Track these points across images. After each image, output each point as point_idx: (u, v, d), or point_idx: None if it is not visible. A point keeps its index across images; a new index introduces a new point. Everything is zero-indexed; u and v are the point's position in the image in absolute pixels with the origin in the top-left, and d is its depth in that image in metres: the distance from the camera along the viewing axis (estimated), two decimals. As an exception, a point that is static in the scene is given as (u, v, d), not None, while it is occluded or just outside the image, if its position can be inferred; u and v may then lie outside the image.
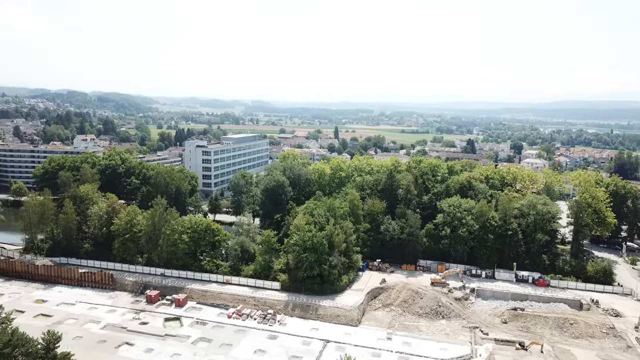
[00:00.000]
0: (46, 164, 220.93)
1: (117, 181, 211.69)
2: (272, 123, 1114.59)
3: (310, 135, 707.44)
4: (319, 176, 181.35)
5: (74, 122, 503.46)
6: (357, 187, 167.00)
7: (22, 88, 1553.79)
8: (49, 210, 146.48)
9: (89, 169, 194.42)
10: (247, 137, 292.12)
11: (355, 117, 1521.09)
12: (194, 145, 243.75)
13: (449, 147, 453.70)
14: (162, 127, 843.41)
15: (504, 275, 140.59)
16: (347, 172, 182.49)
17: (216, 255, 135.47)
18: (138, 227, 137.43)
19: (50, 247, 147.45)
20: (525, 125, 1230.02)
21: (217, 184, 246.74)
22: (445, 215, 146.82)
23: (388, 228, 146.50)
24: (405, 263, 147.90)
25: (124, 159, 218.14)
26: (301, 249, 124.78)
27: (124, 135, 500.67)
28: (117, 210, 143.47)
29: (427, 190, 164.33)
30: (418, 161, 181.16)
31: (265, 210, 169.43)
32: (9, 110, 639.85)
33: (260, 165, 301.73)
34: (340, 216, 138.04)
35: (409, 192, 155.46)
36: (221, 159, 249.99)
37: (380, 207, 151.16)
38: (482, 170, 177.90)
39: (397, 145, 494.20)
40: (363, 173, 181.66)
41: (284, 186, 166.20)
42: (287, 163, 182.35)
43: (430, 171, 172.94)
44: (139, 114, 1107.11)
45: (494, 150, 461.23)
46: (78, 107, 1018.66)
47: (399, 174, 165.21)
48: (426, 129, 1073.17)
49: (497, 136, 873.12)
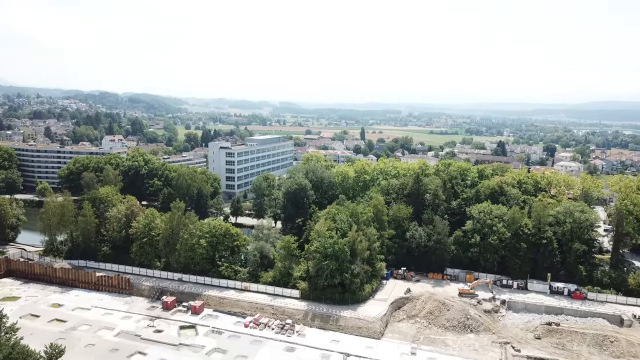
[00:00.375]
0: (71, 165, 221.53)
1: (139, 182, 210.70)
2: (298, 124, 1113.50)
3: (336, 136, 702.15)
4: (342, 179, 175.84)
5: (102, 123, 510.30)
6: (382, 191, 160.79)
7: (57, 89, 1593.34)
8: (68, 212, 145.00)
9: (112, 170, 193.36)
10: (271, 139, 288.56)
11: (383, 118, 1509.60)
12: (217, 147, 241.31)
13: (478, 149, 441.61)
14: (190, 127, 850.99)
15: (538, 287, 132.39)
16: (372, 175, 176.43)
17: (235, 260, 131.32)
18: (156, 230, 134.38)
19: (69, 250, 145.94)
20: (558, 126, 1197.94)
21: (241, 185, 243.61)
22: (474, 222, 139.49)
23: (414, 235, 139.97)
24: (432, 272, 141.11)
25: (147, 160, 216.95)
26: (322, 256, 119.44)
27: (151, 135, 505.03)
28: (136, 213, 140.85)
29: (455, 195, 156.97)
30: (447, 164, 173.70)
31: (287, 214, 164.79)
32: (41, 111, 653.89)
33: (285, 166, 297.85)
34: (364, 222, 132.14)
35: (436, 197, 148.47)
36: (245, 161, 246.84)
37: (406, 213, 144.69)
38: (515, 175, 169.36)
39: (425, 147, 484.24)
40: (388, 176, 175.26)
41: (306, 189, 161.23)
42: (309, 165, 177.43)
43: (459, 175, 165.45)
44: (167, 114, 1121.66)
45: (526, 153, 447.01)
46: (109, 108, 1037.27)
47: (427, 178, 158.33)
48: (455, 130, 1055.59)
49: (529, 138, 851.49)
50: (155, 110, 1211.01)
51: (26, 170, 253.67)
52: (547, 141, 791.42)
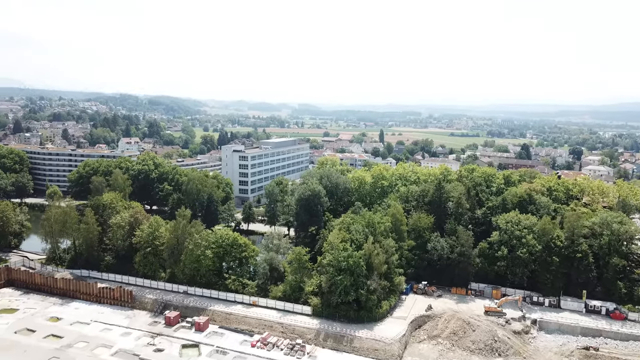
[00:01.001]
0: (81, 169, 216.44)
1: (149, 187, 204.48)
2: (316, 126, 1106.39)
3: (355, 138, 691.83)
4: (359, 185, 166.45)
5: (120, 125, 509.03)
6: (401, 199, 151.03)
7: (80, 92, 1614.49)
8: (71, 219, 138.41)
9: (120, 174, 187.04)
10: (286, 142, 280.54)
11: (403, 119, 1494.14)
12: (230, 150, 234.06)
13: (501, 153, 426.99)
14: (208, 129, 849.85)
15: (572, 305, 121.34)
16: (390, 181, 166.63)
17: (243, 272, 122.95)
18: (160, 240, 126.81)
19: (72, 259, 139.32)
20: (583, 128, 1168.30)
21: (254, 190, 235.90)
22: (502, 233, 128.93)
23: (436, 246, 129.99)
24: (455, 286, 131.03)
25: (157, 164, 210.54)
26: (335, 271, 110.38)
27: (168, 138, 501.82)
28: (140, 220, 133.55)
29: (480, 204, 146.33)
30: (470, 170, 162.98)
31: (300, 222, 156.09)
32: (61, 113, 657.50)
33: (301, 170, 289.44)
34: (381, 233, 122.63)
35: (460, 206, 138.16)
36: (258, 164, 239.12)
37: (427, 222, 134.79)
38: (544, 181, 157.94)
39: (446, 150, 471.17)
40: (408, 182, 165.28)
41: (320, 196, 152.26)
42: (324, 170, 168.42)
43: (484, 182, 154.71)
44: (186, 116, 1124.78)
45: (551, 156, 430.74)
46: (129, 110, 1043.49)
47: (449, 185, 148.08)
48: (476, 133, 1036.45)
49: (553, 140, 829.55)
50: (175, 112, 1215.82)
51: (38, 174, 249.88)
52: (572, 144, 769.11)
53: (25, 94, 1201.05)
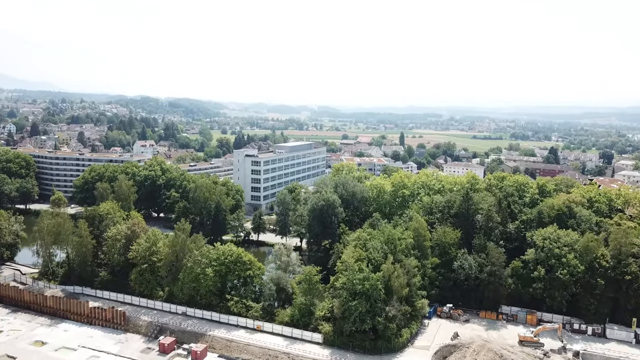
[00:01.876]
0: (86, 174, 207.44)
1: (156, 194, 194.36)
2: (335, 128, 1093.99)
3: (374, 141, 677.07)
4: (377, 194, 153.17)
5: (136, 128, 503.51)
6: (424, 210, 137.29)
7: (103, 95, 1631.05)
8: (65, 230, 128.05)
9: (125, 180, 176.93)
10: (302, 145, 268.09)
11: (424, 121, 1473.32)
12: (242, 155, 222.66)
13: (527, 157, 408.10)
14: (226, 132, 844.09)
15: (619, 334, 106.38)
16: (412, 190, 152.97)
17: (247, 293, 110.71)
18: (158, 255, 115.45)
19: (65, 274, 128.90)
20: (611, 131, 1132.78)
21: (267, 197, 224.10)
22: (538, 250, 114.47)
23: (463, 265, 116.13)
24: (484, 309, 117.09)
25: (164, 170, 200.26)
26: (349, 295, 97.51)
27: (183, 141, 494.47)
28: (138, 233, 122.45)
29: (512, 217, 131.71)
30: (500, 178, 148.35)
31: (312, 234, 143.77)
32: (79, 116, 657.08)
33: (317, 175, 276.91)
34: (402, 251, 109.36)
35: (490, 219, 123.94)
36: (272, 170, 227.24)
37: (453, 237, 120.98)
38: (583, 191, 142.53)
39: (469, 153, 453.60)
40: (431, 191, 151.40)
41: (335, 206, 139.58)
42: (339, 178, 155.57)
43: (516, 191, 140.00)
44: (205, 119, 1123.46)
45: (581, 160, 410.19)
46: (149, 113, 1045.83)
47: (477, 195, 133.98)
48: (499, 135, 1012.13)
49: (580, 143, 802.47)
50: (194, 114, 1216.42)
51: (44, 179, 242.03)
52: (601, 147, 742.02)
53: (55, 97, 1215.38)
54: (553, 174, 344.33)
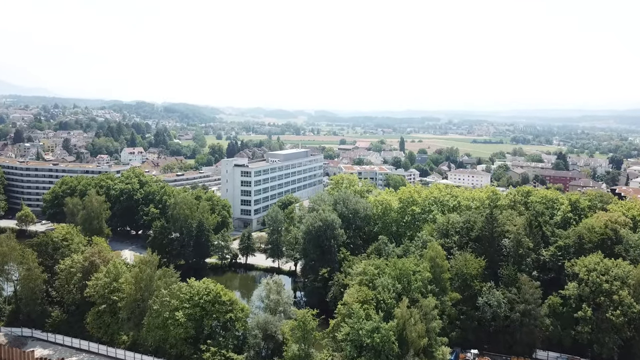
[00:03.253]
0: (57, 187, 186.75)
1: (133, 210, 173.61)
2: (333, 133, 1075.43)
3: (373, 146, 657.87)
4: (383, 211, 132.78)
5: (124, 134, 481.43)
6: (439, 232, 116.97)
7: (99, 100, 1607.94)
8: (13, 259, 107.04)
9: (95, 196, 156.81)
10: (297, 153, 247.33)
11: (422, 125, 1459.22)
12: (231, 165, 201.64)
13: (535, 163, 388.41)
14: (221, 137, 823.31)
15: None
16: (423, 206, 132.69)
17: (227, 341, 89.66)
18: (119, 294, 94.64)
19: (13, 312, 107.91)
20: (612, 134, 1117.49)
21: (259, 210, 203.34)
22: (582, 285, 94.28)
23: (490, 301, 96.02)
24: (516, 355, 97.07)
25: (143, 182, 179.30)
26: (354, 349, 77.20)
27: (174, 147, 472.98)
28: (98, 265, 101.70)
29: (545, 241, 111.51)
30: (525, 193, 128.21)
31: (308, 260, 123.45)
32: (68, 122, 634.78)
33: (314, 184, 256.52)
34: (418, 288, 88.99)
35: (520, 245, 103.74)
36: (264, 180, 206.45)
37: (476, 267, 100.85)
38: (623, 208, 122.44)
39: (472, 159, 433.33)
40: (445, 208, 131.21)
41: (334, 228, 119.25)
42: (339, 193, 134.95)
43: (546, 209, 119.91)
44: (201, 124, 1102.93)
45: (591, 166, 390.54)
46: (144, 118, 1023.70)
47: (501, 214, 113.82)
48: (500, 139, 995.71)
49: (582, 147, 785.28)
50: (190, 119, 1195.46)
51: (14, 192, 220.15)
52: (604, 150, 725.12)
53: (49, 102, 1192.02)
54: (564, 181, 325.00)
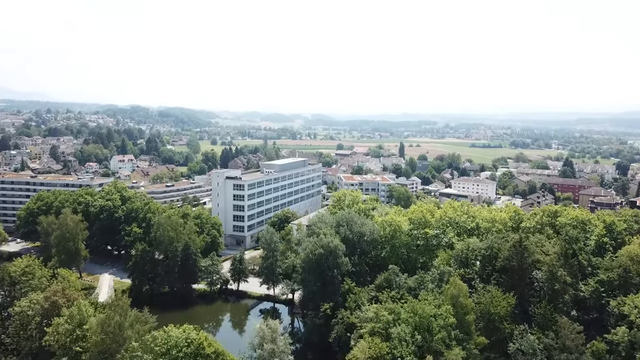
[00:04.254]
0: (31, 204, 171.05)
1: (115, 229, 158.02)
2: (330, 137, 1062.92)
3: (371, 151, 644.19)
4: (391, 233, 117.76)
5: (114, 141, 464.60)
6: (457, 260, 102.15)
7: (94, 104, 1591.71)
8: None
9: (70, 215, 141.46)
10: (294, 163, 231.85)
11: (418, 129, 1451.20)
12: (222, 177, 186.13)
13: (541, 170, 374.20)
14: (216, 142, 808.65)
15: None
16: (437, 227, 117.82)
17: (212, 403, 74.53)
18: (83, 343, 79.25)
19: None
20: (611, 138, 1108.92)
21: (253, 226, 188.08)
22: (633, 330, 79.51)
23: (523, 348, 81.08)
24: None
25: (125, 198, 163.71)
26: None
27: (166, 154, 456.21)
28: (59, 307, 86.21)
29: (582, 272, 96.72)
30: (552, 214, 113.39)
31: (308, 292, 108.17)
32: (57, 128, 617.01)
33: (312, 195, 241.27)
34: (442, 340, 74.01)
35: (555, 278, 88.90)
36: (258, 194, 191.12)
37: (504, 307, 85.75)
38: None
39: (475, 166, 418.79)
40: (462, 231, 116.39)
41: (337, 255, 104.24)
42: (342, 213, 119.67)
43: (579, 233, 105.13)
44: (196, 129, 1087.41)
45: (598, 173, 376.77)
46: (138, 123, 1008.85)
47: (528, 239, 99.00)
48: (498, 143, 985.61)
49: (583, 151, 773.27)
50: (185, 124, 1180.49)
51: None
52: (606, 155, 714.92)
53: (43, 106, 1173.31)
54: (573, 190, 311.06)
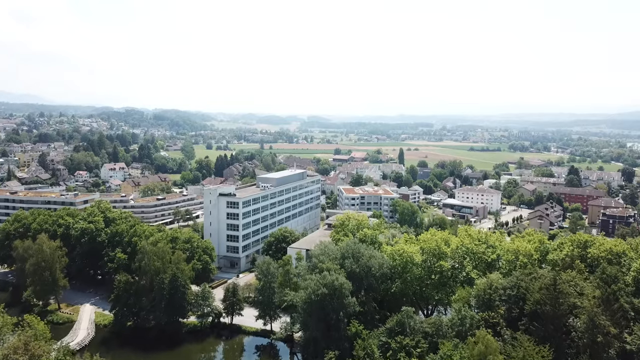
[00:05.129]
0: (8, 225, 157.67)
1: (98, 254, 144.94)
2: (326, 140, 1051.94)
3: (369, 156, 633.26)
4: (402, 266, 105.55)
5: (106, 147, 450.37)
6: (479, 299, 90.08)
7: (89, 107, 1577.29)
8: None
9: (47, 241, 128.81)
10: (292, 176, 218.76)
11: (415, 132, 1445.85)
12: (215, 194, 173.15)
13: (546, 177, 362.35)
14: (211, 147, 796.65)
15: None
16: (453, 258, 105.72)
17: None
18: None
19: None
20: (610, 140, 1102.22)
21: (248, 247, 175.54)
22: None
23: (564, 416, 68.85)
24: None
25: (109, 220, 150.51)
26: None
27: (159, 162, 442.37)
28: (38, 356, 73.51)
29: (624, 316, 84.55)
30: (582, 244, 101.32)
31: (309, 336, 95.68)
32: (48, 133, 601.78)
33: (311, 209, 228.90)
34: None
35: (596, 328, 76.83)
36: (254, 211, 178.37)
37: (540, 363, 73.70)
38: None
39: (477, 173, 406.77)
40: (482, 263, 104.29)
41: (343, 295, 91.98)
42: (348, 245, 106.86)
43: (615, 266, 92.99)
44: (191, 132, 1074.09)
45: (605, 181, 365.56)
46: (132, 127, 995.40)
47: (561, 278, 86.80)
48: (497, 146, 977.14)
49: (583, 155, 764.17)
50: (180, 127, 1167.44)
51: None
52: (607, 159, 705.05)
53: (37, 109, 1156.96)
54: (581, 200, 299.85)
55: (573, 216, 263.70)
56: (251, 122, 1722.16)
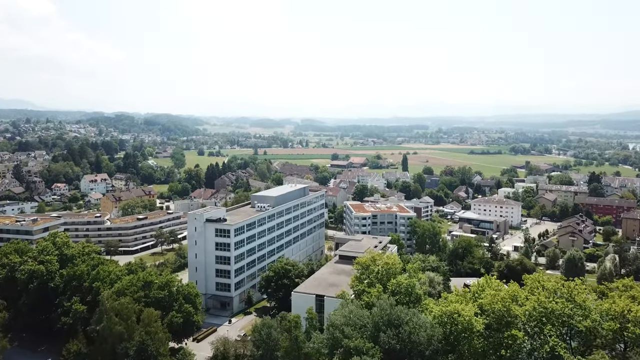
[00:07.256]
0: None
1: (50, 303, 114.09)
2: (322, 145, 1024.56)
3: (369, 162, 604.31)
4: (456, 334, 75.71)
5: (88, 156, 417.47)
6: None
7: (79, 112, 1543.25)
8: None
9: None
10: (292, 193, 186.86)
11: (411, 134, 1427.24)
12: (201, 220, 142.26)
13: (567, 186, 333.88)
14: (203, 153, 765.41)
15: None
16: (527, 321, 76.07)
17: None
18: None
19: None
20: (612, 142, 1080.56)
21: (241, 283, 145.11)
22: None
23: None
24: None
25: (65, 259, 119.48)
26: None
27: (146, 172, 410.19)
28: None
29: None
30: None
31: None
32: (28, 141, 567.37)
33: (314, 230, 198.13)
34: None
35: None
36: (249, 239, 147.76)
37: None
38: None
39: (489, 181, 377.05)
40: (573, 332, 74.72)
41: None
42: (382, 310, 76.44)
43: None
44: (183, 137, 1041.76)
45: (628, 188, 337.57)
46: (122, 132, 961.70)
47: None
48: (497, 149, 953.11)
49: (587, 157, 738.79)
50: (171, 132, 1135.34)
51: None
52: (614, 162, 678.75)
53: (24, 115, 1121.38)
54: (612, 211, 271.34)
55: (605, 231, 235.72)
56: (245, 125, 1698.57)
